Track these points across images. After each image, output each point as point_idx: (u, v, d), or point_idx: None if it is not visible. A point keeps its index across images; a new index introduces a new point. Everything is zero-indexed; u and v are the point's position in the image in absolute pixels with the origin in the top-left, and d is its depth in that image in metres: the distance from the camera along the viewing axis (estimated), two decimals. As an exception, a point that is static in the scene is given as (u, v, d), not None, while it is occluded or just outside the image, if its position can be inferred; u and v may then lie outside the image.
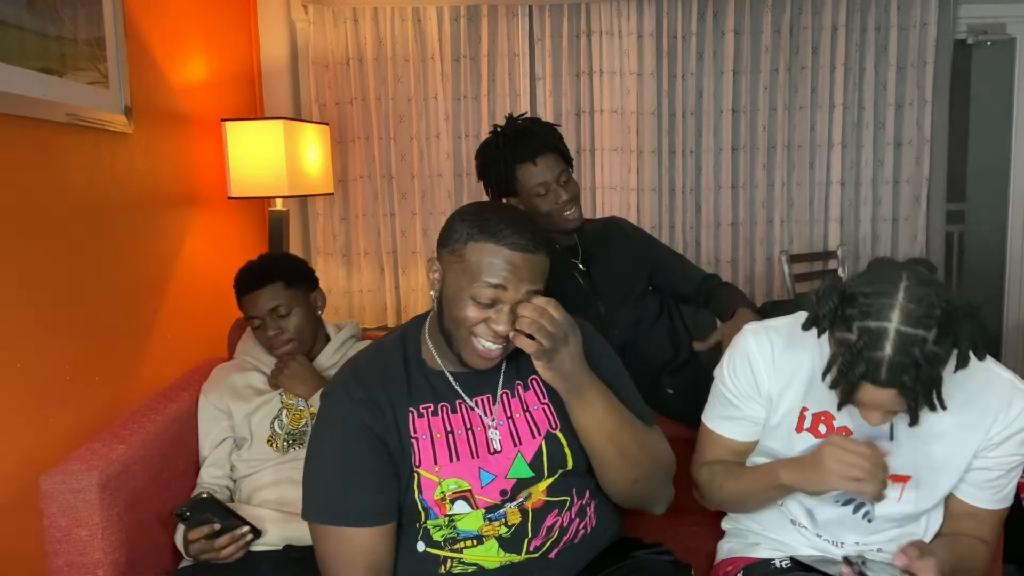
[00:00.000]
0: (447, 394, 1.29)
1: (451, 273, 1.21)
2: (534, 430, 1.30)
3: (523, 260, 1.17)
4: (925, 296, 1.07)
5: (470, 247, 1.18)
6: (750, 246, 3.23)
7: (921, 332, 1.05)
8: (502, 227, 1.18)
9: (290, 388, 1.76)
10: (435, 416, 1.27)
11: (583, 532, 1.31)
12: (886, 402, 1.10)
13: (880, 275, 1.12)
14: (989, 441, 1.25)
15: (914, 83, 3.10)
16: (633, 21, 3.06)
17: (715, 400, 1.41)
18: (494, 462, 1.26)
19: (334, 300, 3.15)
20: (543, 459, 1.28)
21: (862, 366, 1.07)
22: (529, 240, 1.18)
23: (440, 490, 1.24)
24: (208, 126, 2.40)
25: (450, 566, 1.26)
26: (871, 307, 1.08)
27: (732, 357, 1.36)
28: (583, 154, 3.16)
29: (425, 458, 1.24)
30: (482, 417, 1.28)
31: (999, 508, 1.31)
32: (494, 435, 1.27)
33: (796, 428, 1.33)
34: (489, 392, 1.30)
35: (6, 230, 1.47)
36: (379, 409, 1.24)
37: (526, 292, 1.18)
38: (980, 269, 3.68)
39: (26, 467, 1.48)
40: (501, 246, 1.17)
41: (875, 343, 1.06)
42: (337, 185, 3.01)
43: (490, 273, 1.17)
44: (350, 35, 3.02)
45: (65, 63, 1.64)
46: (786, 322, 1.34)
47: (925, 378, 1.05)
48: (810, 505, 1.35)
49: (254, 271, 1.80)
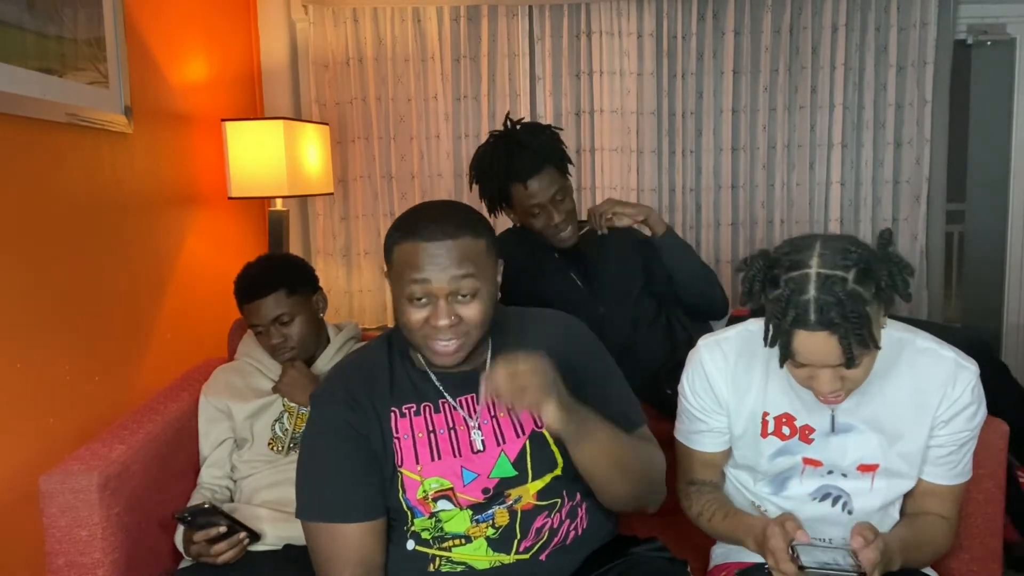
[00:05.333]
0: (430, 394, 1.29)
1: (392, 283, 1.23)
2: (518, 429, 1.30)
3: (441, 248, 1.16)
4: (839, 242, 1.16)
5: (396, 252, 1.21)
6: (750, 246, 3.22)
7: (840, 273, 1.12)
8: (420, 223, 1.19)
9: (289, 395, 1.76)
10: (417, 416, 1.28)
11: (574, 534, 1.31)
12: (821, 350, 1.14)
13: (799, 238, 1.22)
14: (938, 419, 1.29)
15: (914, 83, 3.10)
16: (633, 21, 3.06)
17: (682, 416, 1.45)
18: (477, 461, 1.27)
19: (334, 300, 3.15)
20: (527, 459, 1.28)
21: (792, 312, 1.13)
22: (446, 227, 1.18)
23: (423, 489, 1.25)
24: (208, 126, 2.41)
25: (439, 564, 1.26)
26: (792, 260, 1.16)
27: (689, 374, 1.40)
28: (583, 154, 3.16)
29: (407, 457, 1.26)
30: (465, 418, 1.29)
31: (956, 483, 1.35)
32: (477, 436, 1.28)
33: (761, 434, 1.36)
34: (473, 391, 1.28)
35: (6, 230, 1.48)
36: (362, 409, 1.27)
37: (452, 278, 1.16)
38: (980, 269, 3.68)
39: (26, 467, 1.48)
40: (417, 241, 1.17)
41: (800, 288, 1.13)
42: (337, 185, 3.01)
43: (412, 269, 1.17)
44: (350, 35, 3.02)
45: (65, 63, 1.64)
46: (737, 331, 1.39)
47: (852, 315, 1.10)
48: (789, 507, 1.36)
49: (255, 279, 1.77)
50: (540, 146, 1.88)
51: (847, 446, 1.32)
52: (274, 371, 1.81)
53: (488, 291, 1.22)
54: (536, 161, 1.85)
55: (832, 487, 1.35)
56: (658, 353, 2.00)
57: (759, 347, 1.30)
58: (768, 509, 1.39)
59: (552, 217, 1.88)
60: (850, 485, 1.34)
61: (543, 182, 1.85)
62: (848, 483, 1.34)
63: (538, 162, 1.85)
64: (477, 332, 1.22)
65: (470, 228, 1.21)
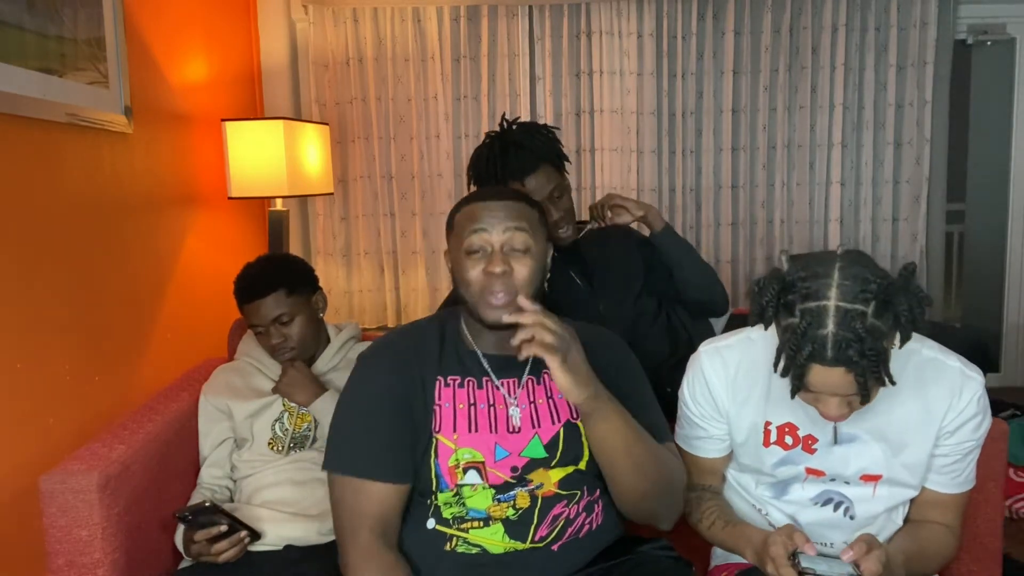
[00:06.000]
0: (476, 370, 1.35)
1: (451, 248, 1.33)
2: (555, 416, 1.34)
3: (498, 205, 1.29)
4: (859, 273, 1.11)
5: (456, 217, 1.33)
6: (750, 246, 3.23)
7: (860, 307, 1.08)
8: (480, 193, 1.36)
9: (288, 395, 1.76)
10: (461, 388, 1.33)
11: (588, 527, 1.33)
12: (836, 383, 1.12)
13: (815, 260, 1.16)
14: (944, 430, 1.28)
15: (914, 83, 3.10)
16: (633, 21, 3.06)
17: (682, 421, 1.45)
18: (511, 439, 1.31)
19: (334, 300, 3.15)
20: (559, 444, 1.32)
21: (808, 347, 1.09)
22: (504, 192, 1.34)
23: (455, 457, 1.29)
24: (208, 126, 2.41)
25: (455, 544, 1.29)
26: (809, 289, 1.12)
27: (690, 380, 1.39)
28: (583, 154, 3.16)
29: (445, 424, 1.31)
30: (506, 397, 1.33)
31: (960, 492, 1.33)
32: (515, 412, 1.33)
33: (763, 443, 1.35)
34: (516, 376, 1.35)
35: (6, 230, 1.47)
36: (408, 374, 1.32)
37: (507, 229, 1.26)
38: (980, 269, 3.68)
39: (26, 467, 1.48)
40: (477, 201, 1.31)
41: (817, 322, 1.09)
42: (337, 185, 3.01)
43: (471, 222, 1.28)
44: (350, 35, 3.02)
45: (65, 63, 1.64)
46: (738, 339, 1.37)
47: (870, 352, 1.08)
48: (791, 511, 1.36)
49: (255, 279, 1.77)
50: (536, 145, 1.88)
51: (850, 456, 1.30)
52: (274, 371, 1.81)
53: (538, 255, 1.30)
54: (532, 159, 1.85)
55: (834, 492, 1.34)
56: (659, 352, 2.00)
57: (761, 356, 1.29)
58: (770, 513, 1.39)
59: (550, 215, 1.87)
60: (853, 491, 1.33)
61: (540, 180, 1.85)
62: (851, 489, 1.33)
63: (534, 160, 1.85)
64: (524, 294, 1.25)
65: (526, 200, 1.34)
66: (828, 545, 1.36)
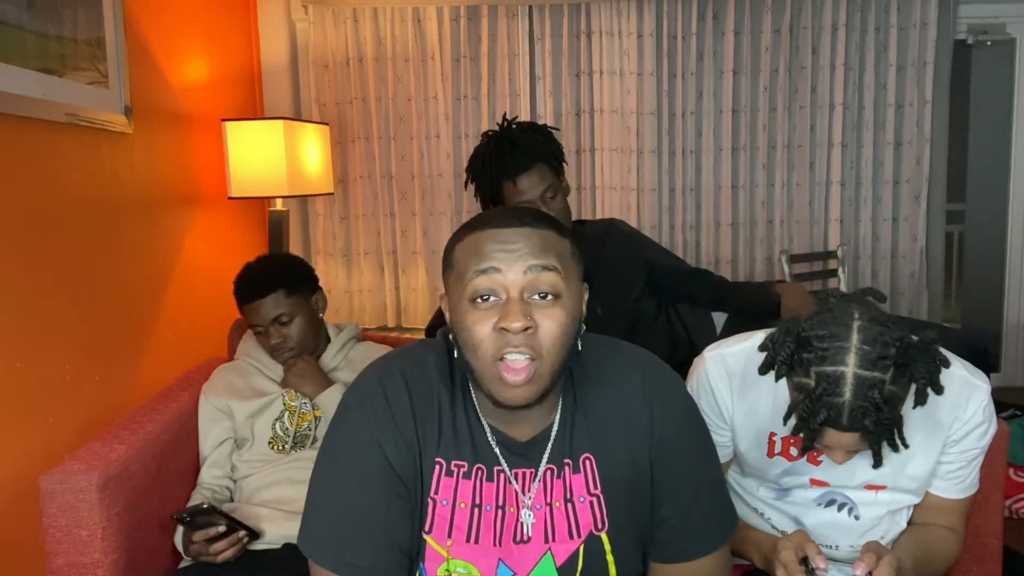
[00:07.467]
0: (486, 454, 1.02)
1: (450, 291, 0.99)
2: (574, 529, 1.03)
3: (515, 234, 0.93)
4: (879, 336, 1.06)
5: (456, 252, 0.97)
6: (750, 246, 3.23)
7: (878, 375, 1.05)
8: (487, 216, 0.98)
9: (297, 387, 1.76)
10: (465, 480, 1.01)
11: None
12: (849, 443, 1.11)
13: (833, 316, 1.11)
14: (950, 439, 1.27)
15: (914, 83, 3.11)
16: (633, 21, 3.06)
17: None
18: (517, 554, 1.02)
19: (334, 300, 3.15)
20: (577, 566, 1.03)
21: (823, 412, 1.07)
22: (523, 216, 0.96)
23: (445, 567, 1.02)
24: (208, 126, 2.41)
25: None
26: (827, 351, 1.07)
27: (693, 386, 1.37)
28: (583, 154, 3.16)
29: (439, 526, 1.01)
30: (518, 494, 1.02)
31: (964, 496, 1.33)
32: (527, 518, 1.02)
33: (768, 454, 1.34)
34: (533, 465, 1.03)
35: (6, 230, 1.48)
36: (404, 443, 1.00)
37: (529, 268, 0.91)
38: (980, 269, 3.68)
39: (26, 467, 1.48)
40: (485, 228, 0.95)
41: (834, 389, 1.06)
42: (337, 185, 3.01)
43: (478, 259, 0.93)
44: (350, 35, 3.02)
45: (65, 63, 1.64)
46: (743, 347, 1.34)
47: (886, 420, 1.06)
48: (795, 513, 1.36)
49: (255, 279, 1.77)
50: (532, 143, 1.87)
51: (855, 468, 1.29)
52: (274, 371, 1.82)
53: (572, 305, 0.95)
54: (526, 157, 1.84)
55: (838, 494, 1.33)
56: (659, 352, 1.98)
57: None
58: (771, 516, 1.39)
59: None
60: (856, 495, 1.33)
61: (532, 179, 1.84)
62: (854, 493, 1.33)
63: (528, 158, 1.84)
64: (552, 360, 0.93)
65: (553, 225, 0.97)
66: (833, 548, 1.35)
